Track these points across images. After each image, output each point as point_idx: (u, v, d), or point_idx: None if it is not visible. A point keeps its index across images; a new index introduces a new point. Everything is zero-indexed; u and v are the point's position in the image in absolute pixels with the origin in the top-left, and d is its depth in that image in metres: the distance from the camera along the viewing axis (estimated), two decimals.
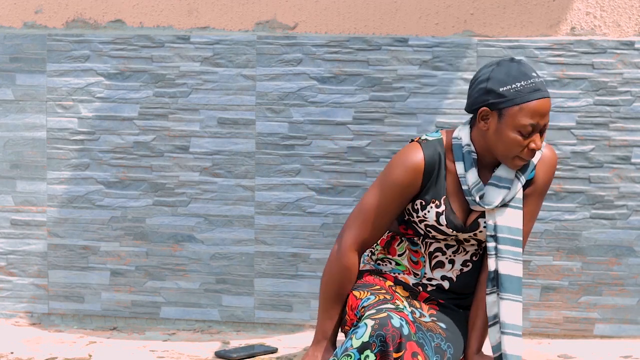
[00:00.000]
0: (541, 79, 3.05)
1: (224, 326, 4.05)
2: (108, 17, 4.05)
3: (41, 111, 4.09)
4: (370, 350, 2.91)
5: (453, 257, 3.21)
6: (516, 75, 3.04)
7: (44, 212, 4.10)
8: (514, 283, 3.12)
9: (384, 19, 3.91)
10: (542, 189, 3.19)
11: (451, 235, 3.16)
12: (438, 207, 3.15)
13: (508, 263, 3.12)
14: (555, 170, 3.21)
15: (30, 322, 4.15)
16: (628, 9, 3.80)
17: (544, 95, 3.02)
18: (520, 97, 3.02)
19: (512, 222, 3.13)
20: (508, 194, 3.11)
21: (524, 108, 3.02)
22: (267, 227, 3.99)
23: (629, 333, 3.85)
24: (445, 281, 3.21)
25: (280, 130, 3.97)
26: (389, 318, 2.94)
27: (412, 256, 3.25)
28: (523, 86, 3.03)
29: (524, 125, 3.02)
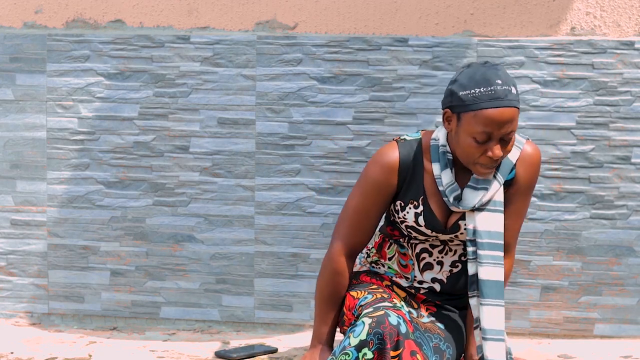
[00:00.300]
0: (506, 88, 2.97)
1: (224, 326, 4.05)
2: (108, 17, 4.05)
3: (41, 111, 4.09)
4: (367, 348, 2.91)
5: (441, 258, 3.20)
6: (478, 81, 2.99)
7: (44, 212, 4.10)
8: (494, 288, 3.09)
9: (384, 19, 3.91)
10: (527, 187, 3.16)
11: (431, 236, 3.16)
12: (416, 208, 3.15)
13: (488, 268, 3.09)
14: (539, 167, 3.15)
15: (30, 322, 4.15)
16: (628, 9, 3.80)
17: (501, 104, 2.95)
18: (476, 104, 2.97)
19: (492, 226, 3.11)
20: (485, 195, 3.09)
21: (478, 115, 2.97)
22: (267, 227, 3.99)
23: (629, 333, 3.85)
24: (436, 283, 3.21)
25: (280, 130, 3.97)
26: (386, 316, 2.94)
27: (401, 260, 3.25)
28: (481, 93, 2.97)
29: (477, 132, 2.98)
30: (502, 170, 3.12)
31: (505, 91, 2.97)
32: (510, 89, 2.99)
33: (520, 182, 3.15)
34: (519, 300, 3.88)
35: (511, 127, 2.99)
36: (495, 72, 3.00)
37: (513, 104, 2.98)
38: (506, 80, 3.00)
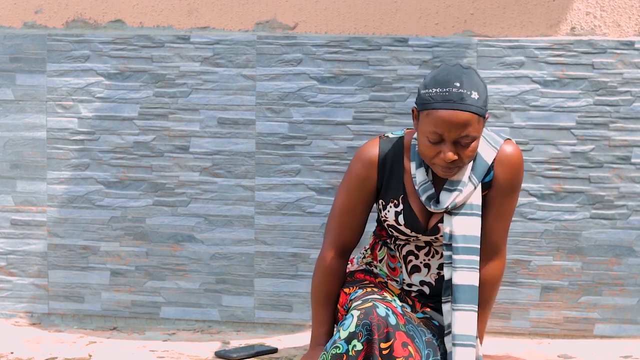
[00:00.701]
0: (464, 92, 2.95)
1: (224, 326, 4.05)
2: (108, 17, 4.05)
3: (41, 111, 4.09)
4: (357, 340, 2.92)
5: (427, 260, 3.20)
6: (438, 81, 2.98)
7: (44, 212, 4.10)
8: (467, 292, 3.07)
9: (384, 19, 3.91)
10: (508, 188, 3.13)
11: (411, 236, 3.15)
12: (397, 207, 3.15)
13: (462, 273, 3.08)
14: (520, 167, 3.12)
15: (30, 322, 4.15)
16: (628, 9, 3.80)
17: (453, 107, 2.94)
18: (429, 103, 2.97)
19: (468, 230, 3.09)
20: (458, 196, 3.07)
21: (430, 115, 2.97)
22: (267, 227, 3.99)
23: (629, 333, 3.85)
24: (425, 286, 3.21)
25: (280, 130, 3.97)
26: (374, 307, 2.95)
27: (389, 262, 3.25)
28: (437, 93, 2.96)
29: (429, 132, 2.98)
30: (477, 171, 3.09)
31: (461, 94, 2.95)
32: (470, 93, 2.96)
33: (500, 183, 3.12)
34: (519, 300, 3.88)
35: (465, 132, 2.96)
36: (458, 74, 2.99)
37: (467, 109, 2.95)
38: (467, 85, 2.97)
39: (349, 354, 2.91)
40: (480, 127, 3.00)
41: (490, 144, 3.13)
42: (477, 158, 3.11)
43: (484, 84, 3.03)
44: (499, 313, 3.89)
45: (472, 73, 3.02)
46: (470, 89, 2.97)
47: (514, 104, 3.84)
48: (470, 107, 2.96)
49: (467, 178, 3.09)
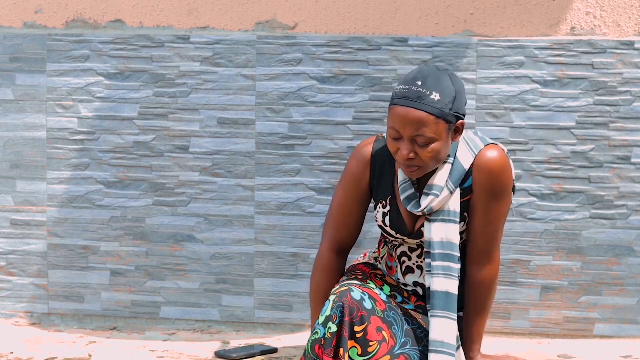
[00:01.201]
0: (423, 91, 2.95)
1: (224, 326, 4.05)
2: (108, 17, 4.05)
3: (41, 111, 4.09)
4: (332, 322, 2.95)
5: (420, 262, 3.20)
6: (405, 79, 3.00)
7: (44, 212, 4.10)
8: (442, 299, 3.05)
9: (384, 19, 3.91)
10: (488, 194, 3.09)
11: (397, 238, 3.16)
12: (384, 208, 3.16)
13: (438, 279, 3.06)
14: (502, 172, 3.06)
15: (30, 322, 4.15)
16: (628, 9, 3.80)
17: (408, 104, 2.95)
18: (392, 100, 3.00)
19: (445, 237, 3.07)
20: (434, 200, 3.06)
21: (390, 110, 3.00)
22: (267, 227, 3.99)
23: (629, 333, 3.85)
24: (419, 287, 3.21)
25: (280, 130, 3.97)
26: (349, 291, 2.98)
27: (388, 261, 3.27)
28: (399, 90, 2.99)
29: (389, 127, 3.01)
30: (453, 177, 3.08)
31: (420, 93, 2.96)
32: (430, 93, 2.96)
33: (479, 189, 3.09)
34: (519, 300, 3.88)
35: (419, 131, 2.96)
36: (426, 75, 2.99)
37: (421, 107, 2.95)
38: (430, 85, 2.97)
39: (326, 337, 2.95)
40: (440, 129, 2.98)
41: (470, 149, 3.10)
42: (455, 163, 3.09)
43: (455, 90, 3.00)
44: (499, 313, 3.89)
45: (444, 76, 3.00)
46: (432, 90, 2.97)
47: (514, 104, 3.84)
48: (425, 106, 2.96)
49: (444, 183, 3.08)
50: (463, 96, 3.02)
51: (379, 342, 2.95)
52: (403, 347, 3.03)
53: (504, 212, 3.13)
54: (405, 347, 3.03)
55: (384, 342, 2.96)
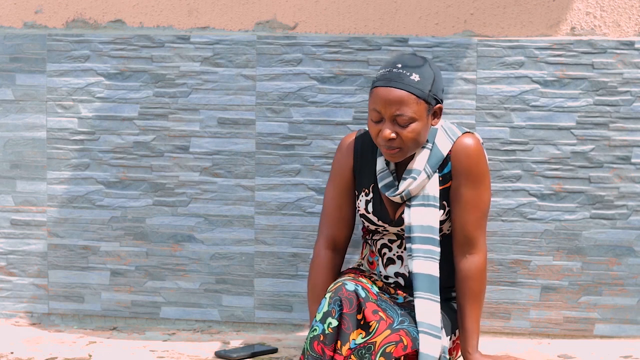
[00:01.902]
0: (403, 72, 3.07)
1: (224, 326, 4.05)
2: (108, 17, 4.05)
3: (41, 111, 4.09)
4: (331, 317, 3.00)
5: (400, 253, 3.28)
6: (384, 64, 3.13)
7: (44, 212, 4.10)
8: (426, 281, 3.13)
9: (384, 19, 3.91)
10: (467, 179, 3.19)
11: (379, 225, 3.22)
12: (367, 195, 3.25)
13: (419, 261, 3.15)
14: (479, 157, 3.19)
15: (30, 322, 4.15)
16: (628, 9, 3.80)
17: (389, 84, 3.07)
18: (373, 83, 3.12)
19: (424, 221, 3.16)
20: (412, 183, 3.16)
21: (372, 93, 3.12)
22: (267, 227, 3.99)
23: (629, 333, 3.85)
24: (400, 278, 3.28)
25: (280, 130, 3.97)
26: (343, 285, 3.04)
27: (369, 257, 3.34)
28: (380, 73, 3.11)
29: (371, 110, 3.12)
30: (431, 161, 3.19)
31: (400, 74, 3.08)
32: (409, 74, 3.09)
33: (458, 173, 3.20)
34: (519, 300, 3.88)
35: (399, 110, 3.07)
36: (405, 59, 3.12)
37: (401, 87, 3.07)
38: (410, 67, 3.10)
39: (326, 333, 2.98)
40: (420, 109, 3.10)
41: (448, 136, 3.22)
42: (433, 149, 3.20)
43: (433, 73, 3.13)
44: (499, 313, 3.89)
45: (423, 61, 3.14)
46: (412, 72, 3.09)
47: (514, 104, 3.84)
48: (406, 86, 3.08)
49: (422, 167, 3.18)
50: (441, 81, 3.15)
51: (377, 321, 3.01)
52: (401, 324, 3.07)
53: (484, 201, 3.22)
54: (403, 324, 3.07)
55: (382, 321, 3.02)
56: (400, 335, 3.01)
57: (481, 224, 3.22)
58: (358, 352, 2.98)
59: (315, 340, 3.00)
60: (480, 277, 3.21)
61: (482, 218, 3.22)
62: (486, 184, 3.22)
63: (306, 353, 3.02)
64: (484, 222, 3.23)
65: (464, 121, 3.83)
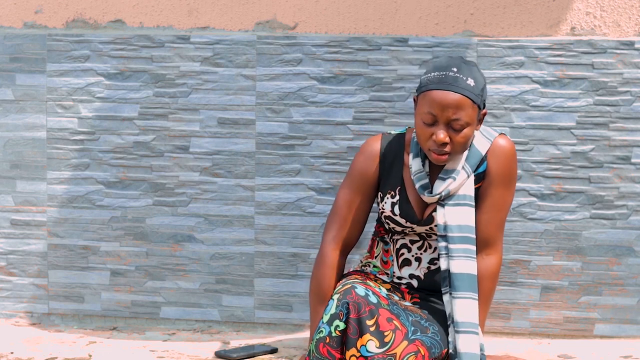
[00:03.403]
0: (459, 76, 3.07)
1: (224, 326, 4.05)
2: (108, 17, 4.05)
3: (41, 111, 4.09)
4: (338, 320, 2.98)
5: (420, 254, 3.26)
6: (436, 66, 3.11)
7: (44, 212, 4.10)
8: (466, 281, 3.14)
9: (384, 19, 3.91)
10: (501, 179, 3.21)
11: (406, 226, 3.22)
12: (393, 198, 3.24)
13: (459, 261, 3.15)
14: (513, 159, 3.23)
15: (30, 322, 4.15)
16: (628, 9, 3.80)
17: (447, 88, 3.05)
18: (426, 85, 3.10)
19: (462, 220, 3.17)
20: (452, 183, 3.17)
21: (426, 95, 3.09)
22: (267, 227, 3.99)
23: (629, 333, 3.85)
24: (414, 279, 3.27)
25: (280, 130, 3.97)
26: (353, 288, 3.03)
27: (383, 256, 3.33)
28: (434, 76, 3.09)
29: (424, 113, 3.10)
30: (470, 161, 3.19)
31: (457, 78, 3.07)
32: (466, 79, 3.08)
33: (493, 174, 3.21)
34: (519, 300, 3.88)
35: (456, 114, 3.07)
36: (458, 63, 3.12)
37: (460, 91, 3.07)
38: (465, 72, 3.09)
39: (332, 335, 2.97)
40: (474, 114, 3.11)
41: (485, 137, 3.23)
42: (471, 148, 3.21)
43: (483, 79, 3.14)
44: (499, 313, 3.89)
45: (473, 66, 3.14)
46: (467, 76, 3.09)
47: (514, 104, 3.84)
48: (463, 90, 3.08)
49: (461, 167, 3.19)
50: (486, 87, 3.19)
51: (393, 331, 2.99)
52: (415, 334, 3.06)
53: (509, 202, 3.25)
54: (416, 334, 3.07)
55: (397, 330, 3.00)
56: (417, 346, 3.01)
57: (502, 226, 3.24)
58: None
59: (321, 342, 2.99)
60: (494, 278, 3.22)
61: (504, 220, 3.25)
62: (514, 187, 3.25)
63: (312, 355, 3.01)
64: (504, 224, 3.25)
65: None
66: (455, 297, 3.11)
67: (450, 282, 3.13)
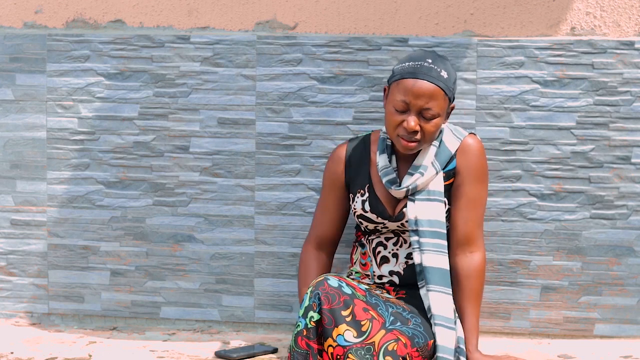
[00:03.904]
0: (433, 67, 3.17)
1: (224, 326, 4.05)
2: (108, 17, 4.05)
3: (41, 111, 4.09)
4: (312, 311, 3.03)
5: (396, 250, 3.32)
6: (410, 57, 3.23)
7: (44, 212, 4.10)
8: (437, 274, 3.20)
9: (384, 19, 3.91)
10: (472, 176, 3.30)
11: (378, 222, 3.28)
12: (362, 196, 3.34)
13: (430, 255, 3.21)
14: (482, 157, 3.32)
15: (30, 322, 4.15)
16: (628, 9, 3.80)
17: (420, 77, 3.16)
18: (400, 74, 3.20)
19: (432, 215, 3.24)
20: (419, 178, 3.24)
21: (400, 84, 3.19)
22: (267, 227, 3.99)
23: (629, 333, 3.85)
24: (394, 276, 3.31)
25: (280, 130, 3.97)
26: (325, 280, 3.09)
27: (361, 259, 3.39)
28: (409, 65, 3.20)
29: (397, 101, 3.19)
30: (440, 158, 3.28)
31: (431, 69, 3.18)
32: (439, 70, 3.20)
33: (463, 171, 3.29)
34: (519, 300, 3.88)
35: (428, 103, 3.17)
36: (432, 56, 3.24)
37: (434, 81, 3.17)
38: (438, 63, 3.21)
39: (308, 327, 3.01)
40: (444, 106, 3.22)
41: (455, 135, 3.33)
42: (441, 146, 3.30)
43: (455, 74, 3.27)
44: (499, 313, 3.89)
45: (446, 60, 3.27)
46: (440, 68, 3.21)
47: (514, 104, 3.84)
48: (437, 80, 3.19)
49: (430, 163, 3.27)
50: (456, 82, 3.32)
51: (370, 320, 3.03)
52: (393, 324, 3.08)
53: (484, 198, 3.35)
54: (395, 324, 3.09)
55: (374, 320, 3.03)
56: (395, 335, 3.03)
57: (481, 222, 3.29)
58: (357, 352, 2.98)
59: (299, 336, 3.04)
60: (480, 275, 3.25)
61: (482, 216, 3.31)
62: (486, 184, 3.36)
63: (292, 350, 3.05)
64: (482, 221, 3.30)
65: (464, 121, 3.83)
66: (429, 290, 3.17)
67: (424, 276, 3.18)
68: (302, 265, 3.50)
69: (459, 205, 3.27)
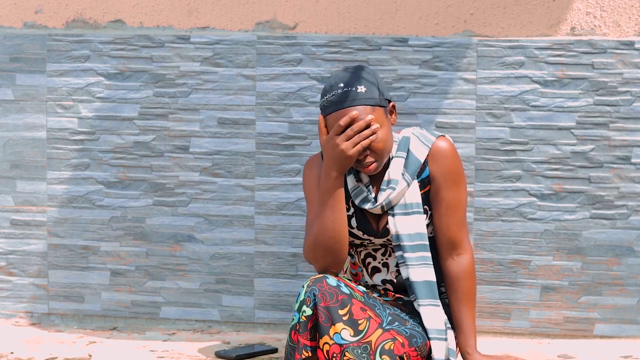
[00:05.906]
0: (348, 89, 3.10)
1: (224, 326, 4.05)
2: (108, 17, 4.05)
3: (41, 111, 4.09)
4: (306, 305, 3.03)
5: (385, 259, 3.30)
6: (326, 89, 3.15)
7: (44, 212, 4.10)
8: (424, 288, 3.18)
9: (384, 19, 3.91)
10: (448, 180, 3.24)
11: (364, 238, 3.25)
12: (348, 211, 3.26)
13: (414, 269, 3.19)
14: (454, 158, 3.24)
15: (30, 322, 4.15)
16: (628, 9, 3.80)
17: (342, 107, 3.09)
18: (325, 111, 3.14)
19: (412, 229, 3.20)
20: (392, 193, 3.19)
21: (328, 120, 3.14)
22: (267, 227, 3.99)
23: (629, 333, 3.85)
24: (388, 284, 3.30)
25: (280, 130, 3.97)
26: (324, 278, 3.06)
27: (351, 269, 3.38)
28: (327, 100, 3.13)
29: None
30: (410, 169, 3.22)
31: (346, 93, 3.11)
32: (355, 88, 3.12)
33: (438, 177, 3.23)
34: (519, 300, 3.88)
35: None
36: (342, 76, 3.15)
37: (353, 104, 3.10)
38: (351, 82, 3.13)
39: (300, 321, 3.00)
40: (380, 114, 3.13)
41: (422, 142, 3.25)
42: (409, 156, 3.23)
43: (374, 77, 3.17)
44: (499, 313, 3.89)
45: (359, 69, 3.17)
46: (354, 85, 3.12)
47: (514, 104, 3.84)
48: (356, 101, 3.11)
49: (400, 175, 3.21)
50: (382, 80, 3.19)
51: (367, 319, 3.03)
52: (391, 324, 3.09)
53: (464, 200, 3.29)
54: (392, 324, 3.09)
55: (371, 319, 3.03)
56: (392, 334, 3.03)
57: (464, 224, 3.27)
58: (353, 350, 2.98)
59: (293, 330, 3.05)
60: (471, 276, 3.25)
61: (464, 217, 3.29)
62: (464, 184, 3.28)
63: (287, 344, 3.06)
64: (466, 221, 3.28)
65: (464, 121, 3.83)
66: (420, 304, 3.16)
67: (413, 290, 3.18)
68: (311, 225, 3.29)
69: (439, 212, 3.25)
